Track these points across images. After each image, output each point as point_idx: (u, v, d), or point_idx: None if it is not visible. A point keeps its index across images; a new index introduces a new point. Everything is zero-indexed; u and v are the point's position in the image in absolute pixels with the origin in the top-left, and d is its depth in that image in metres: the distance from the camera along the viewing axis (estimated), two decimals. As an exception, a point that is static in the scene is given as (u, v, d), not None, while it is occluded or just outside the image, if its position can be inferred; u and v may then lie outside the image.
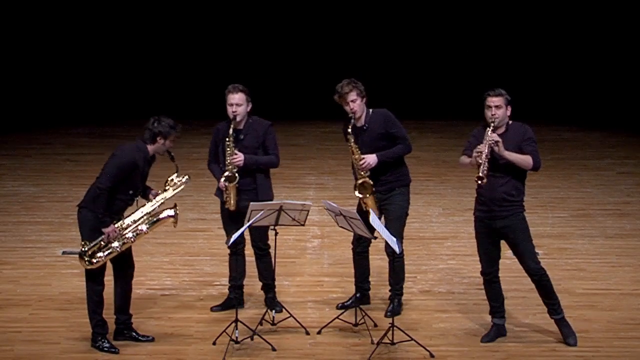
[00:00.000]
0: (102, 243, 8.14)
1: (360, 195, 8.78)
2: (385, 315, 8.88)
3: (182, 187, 8.34)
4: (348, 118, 8.78)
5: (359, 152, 8.75)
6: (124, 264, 8.36)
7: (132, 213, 8.23)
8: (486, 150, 8.08)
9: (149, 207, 8.24)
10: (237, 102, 8.75)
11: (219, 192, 8.92)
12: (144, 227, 8.21)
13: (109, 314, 8.39)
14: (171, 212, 8.29)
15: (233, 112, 8.74)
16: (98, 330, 8.28)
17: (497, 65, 17.46)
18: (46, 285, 9.68)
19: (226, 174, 8.76)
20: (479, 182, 8.13)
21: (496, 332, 8.51)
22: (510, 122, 8.33)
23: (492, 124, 8.17)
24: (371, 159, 8.73)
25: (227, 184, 8.76)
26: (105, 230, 8.09)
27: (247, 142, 8.81)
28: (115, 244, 8.14)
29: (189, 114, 16.85)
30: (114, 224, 8.13)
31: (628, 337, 8.58)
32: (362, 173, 8.76)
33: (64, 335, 8.54)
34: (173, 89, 17.51)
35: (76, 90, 17.42)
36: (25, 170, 13.95)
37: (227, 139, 8.72)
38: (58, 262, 10.32)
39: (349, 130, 8.73)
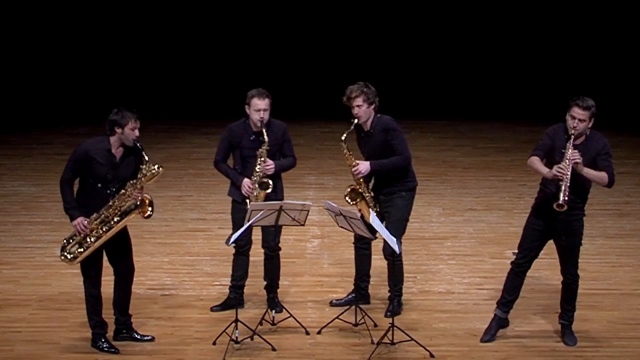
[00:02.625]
0: (79, 238, 8.12)
1: (351, 202, 8.79)
2: (385, 315, 8.88)
3: (153, 177, 8.19)
4: (351, 121, 8.83)
5: (352, 158, 8.79)
6: (123, 265, 8.34)
7: (106, 206, 8.15)
8: (569, 172, 7.89)
9: (117, 198, 8.15)
10: (265, 108, 8.76)
11: (236, 192, 8.90)
12: (115, 219, 8.16)
13: (108, 314, 8.39)
14: (138, 204, 8.13)
15: (261, 117, 8.74)
16: (97, 331, 8.28)
17: (497, 65, 17.47)
18: (46, 285, 9.68)
19: (259, 180, 8.77)
20: (559, 209, 7.92)
21: (497, 324, 8.50)
22: (589, 131, 8.20)
23: (573, 136, 8.01)
24: (363, 166, 8.75)
25: (262, 191, 8.78)
26: (72, 223, 8.08)
27: (269, 145, 8.84)
28: (90, 238, 8.11)
29: (189, 114, 16.88)
30: (86, 218, 8.07)
31: (628, 337, 8.58)
32: (355, 179, 8.80)
33: (64, 335, 8.54)
34: (173, 89, 17.52)
35: (76, 90, 17.42)
36: (25, 170, 13.95)
37: (262, 147, 8.73)
38: (58, 262, 10.22)
39: (343, 137, 8.74)
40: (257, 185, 8.80)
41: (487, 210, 12.08)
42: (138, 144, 8.10)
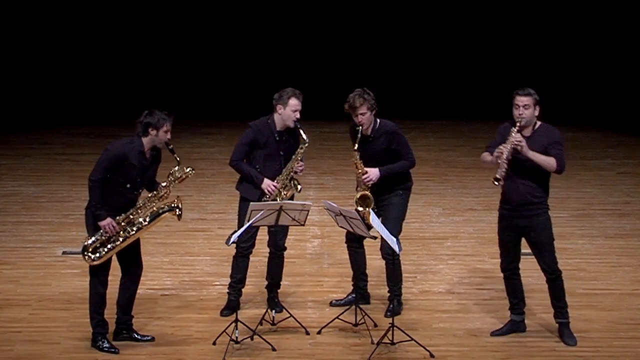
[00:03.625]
0: (103, 238, 8.13)
1: (361, 209, 8.77)
2: (385, 315, 8.89)
3: (185, 178, 8.29)
4: (353, 127, 8.84)
5: (363, 166, 8.77)
6: (132, 263, 8.35)
7: (134, 207, 8.21)
8: (507, 151, 8.07)
9: (148, 200, 8.21)
10: (301, 108, 8.82)
11: (251, 191, 8.86)
12: (145, 220, 8.19)
13: (109, 314, 8.39)
14: (172, 206, 8.25)
15: (297, 117, 8.78)
16: (98, 330, 8.27)
17: (498, 65, 17.47)
18: (46, 285, 9.68)
19: (289, 179, 8.83)
20: (496, 183, 8.10)
21: (510, 327, 8.55)
22: (539, 123, 8.28)
23: (518, 124, 8.13)
24: (374, 174, 8.75)
25: (291, 189, 8.83)
26: (100, 223, 8.08)
27: (291, 145, 8.88)
28: (117, 238, 8.12)
29: (189, 114, 16.87)
30: (114, 218, 8.10)
31: (628, 337, 8.58)
32: (364, 186, 8.79)
33: (64, 335, 8.54)
34: (173, 89, 17.51)
35: (76, 90, 17.42)
36: (25, 170, 13.95)
37: (302, 146, 8.78)
38: (58, 262, 10.32)
39: (356, 147, 8.73)
40: (291, 183, 8.82)
41: (487, 210, 12.07)
42: (170, 146, 8.15)
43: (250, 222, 8.28)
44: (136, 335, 8.44)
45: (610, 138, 15.80)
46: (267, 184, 8.79)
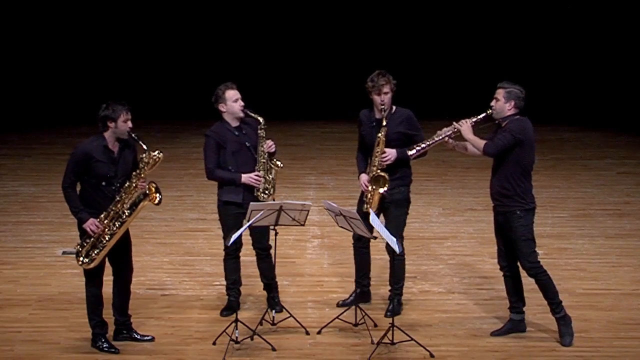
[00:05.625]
0: (93, 240, 8.10)
1: (377, 188, 8.70)
2: (385, 315, 8.88)
3: (154, 164, 8.13)
4: (365, 112, 8.89)
5: (384, 145, 8.74)
6: (122, 264, 8.33)
7: (113, 202, 8.12)
8: (446, 133, 8.57)
9: (124, 191, 8.12)
10: (240, 96, 8.79)
11: (234, 192, 8.84)
12: (125, 212, 8.14)
13: (108, 314, 8.39)
14: (147, 192, 8.13)
15: (242, 105, 8.77)
16: (97, 331, 8.27)
17: (499, 64, 17.46)
18: (46, 285, 9.68)
19: (268, 161, 8.80)
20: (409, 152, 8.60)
21: (510, 327, 8.57)
22: (517, 117, 8.38)
23: (487, 112, 8.38)
24: (392, 154, 8.74)
25: (273, 168, 8.81)
26: (84, 226, 8.05)
27: (250, 136, 8.81)
28: (104, 237, 8.09)
29: (188, 114, 16.89)
30: (96, 218, 8.05)
31: (628, 337, 8.58)
32: (377, 166, 8.73)
33: (64, 335, 8.54)
34: (172, 89, 17.52)
35: (76, 90, 17.42)
36: (25, 170, 13.95)
37: (261, 127, 8.74)
38: (58, 262, 10.32)
39: (385, 122, 8.71)
40: (271, 164, 8.79)
41: (487, 210, 11.99)
42: (133, 135, 8.11)
43: (251, 222, 8.28)
44: (136, 335, 8.44)
45: (610, 138, 15.80)
46: (246, 177, 8.75)
